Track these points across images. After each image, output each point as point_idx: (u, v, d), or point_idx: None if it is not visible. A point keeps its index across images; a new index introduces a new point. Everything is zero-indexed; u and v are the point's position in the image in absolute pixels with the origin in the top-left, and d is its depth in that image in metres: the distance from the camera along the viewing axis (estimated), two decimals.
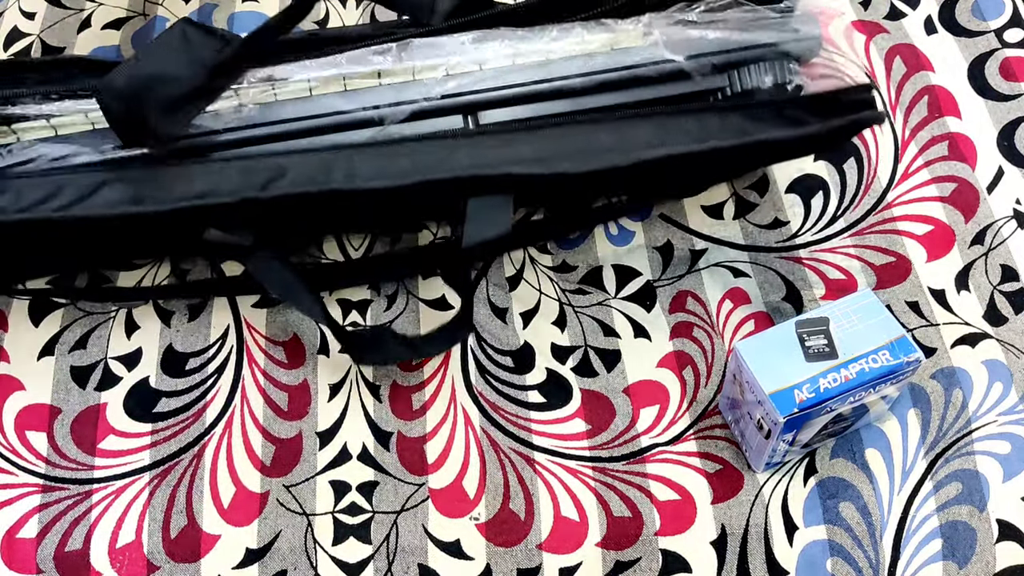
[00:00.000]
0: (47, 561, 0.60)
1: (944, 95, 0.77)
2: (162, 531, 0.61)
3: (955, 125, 0.75)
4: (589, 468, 0.63)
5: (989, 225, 0.70)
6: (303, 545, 0.61)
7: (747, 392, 0.56)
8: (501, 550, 0.60)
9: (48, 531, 0.61)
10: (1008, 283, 0.68)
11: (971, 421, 0.63)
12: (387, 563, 0.60)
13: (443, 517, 0.61)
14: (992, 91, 0.77)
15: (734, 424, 0.62)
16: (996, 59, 0.78)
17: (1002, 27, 0.80)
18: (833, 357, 0.55)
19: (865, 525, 0.60)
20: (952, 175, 0.73)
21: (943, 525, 0.59)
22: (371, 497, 0.62)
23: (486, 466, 0.63)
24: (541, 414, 0.65)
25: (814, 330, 0.56)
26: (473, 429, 0.64)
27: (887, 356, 0.54)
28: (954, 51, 0.79)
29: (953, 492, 0.60)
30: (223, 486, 0.62)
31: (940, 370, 0.65)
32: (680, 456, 0.63)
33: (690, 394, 0.65)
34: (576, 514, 0.61)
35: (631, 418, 0.64)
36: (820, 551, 0.59)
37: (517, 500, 0.62)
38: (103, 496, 0.62)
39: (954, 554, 0.59)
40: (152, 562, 0.60)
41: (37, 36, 0.83)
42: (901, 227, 0.71)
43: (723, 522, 0.60)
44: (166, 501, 0.62)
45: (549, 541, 0.60)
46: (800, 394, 0.53)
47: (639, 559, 0.60)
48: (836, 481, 0.61)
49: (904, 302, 0.68)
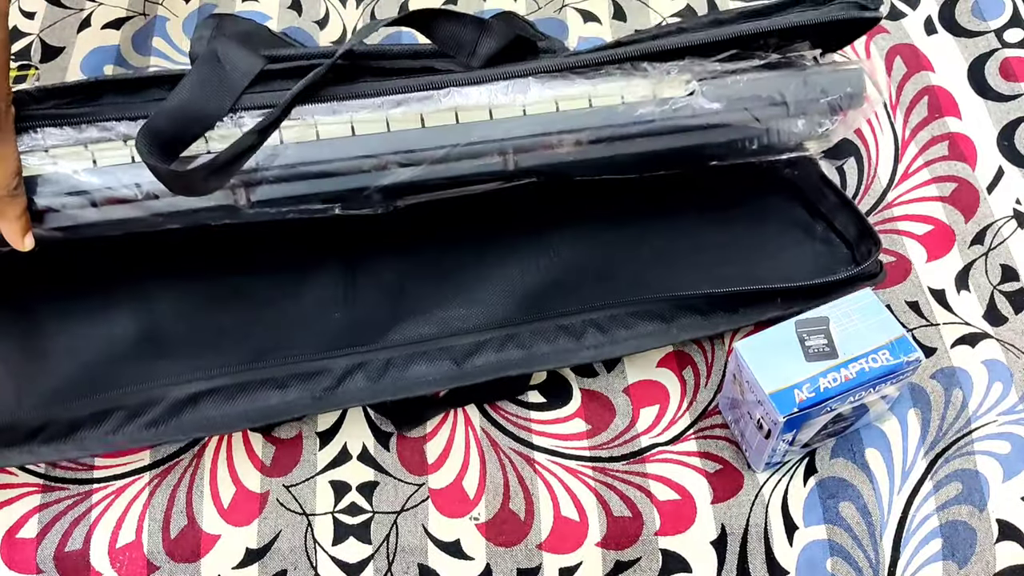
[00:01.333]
0: (47, 561, 0.60)
1: (944, 95, 0.77)
2: (162, 531, 0.61)
3: (955, 125, 0.75)
4: (589, 468, 0.63)
5: (989, 225, 0.70)
6: (303, 545, 0.61)
7: (747, 392, 0.56)
8: (501, 550, 0.60)
9: (48, 531, 0.61)
10: (1008, 283, 0.68)
11: (971, 421, 0.63)
12: (387, 563, 0.60)
13: (443, 517, 0.61)
14: (992, 91, 0.77)
15: (734, 424, 0.62)
16: (996, 59, 0.78)
17: (1002, 27, 0.80)
18: (833, 357, 0.54)
19: (865, 525, 0.60)
20: (952, 175, 0.73)
21: (943, 525, 0.59)
22: (371, 497, 0.62)
23: (486, 466, 0.63)
24: (541, 414, 0.65)
25: (814, 330, 0.56)
26: (473, 429, 0.64)
27: (887, 356, 0.54)
28: (954, 51, 0.79)
29: (953, 492, 0.60)
30: (223, 486, 0.62)
31: (940, 370, 0.65)
32: (680, 456, 0.63)
33: (690, 394, 0.65)
34: (576, 514, 0.61)
35: (631, 418, 0.64)
36: (820, 551, 0.59)
37: (517, 500, 0.62)
38: (103, 496, 0.62)
39: (954, 554, 0.59)
40: (152, 562, 0.60)
41: (37, 36, 0.83)
42: (901, 227, 0.71)
43: (723, 522, 0.60)
44: (166, 501, 0.62)
45: (549, 541, 0.60)
46: (800, 394, 0.53)
47: (639, 559, 0.60)
48: (836, 481, 0.61)
49: (904, 302, 0.68)
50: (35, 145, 0.55)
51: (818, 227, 0.69)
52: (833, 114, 0.61)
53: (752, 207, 0.70)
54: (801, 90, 0.60)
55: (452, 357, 0.63)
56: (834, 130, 0.61)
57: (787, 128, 0.61)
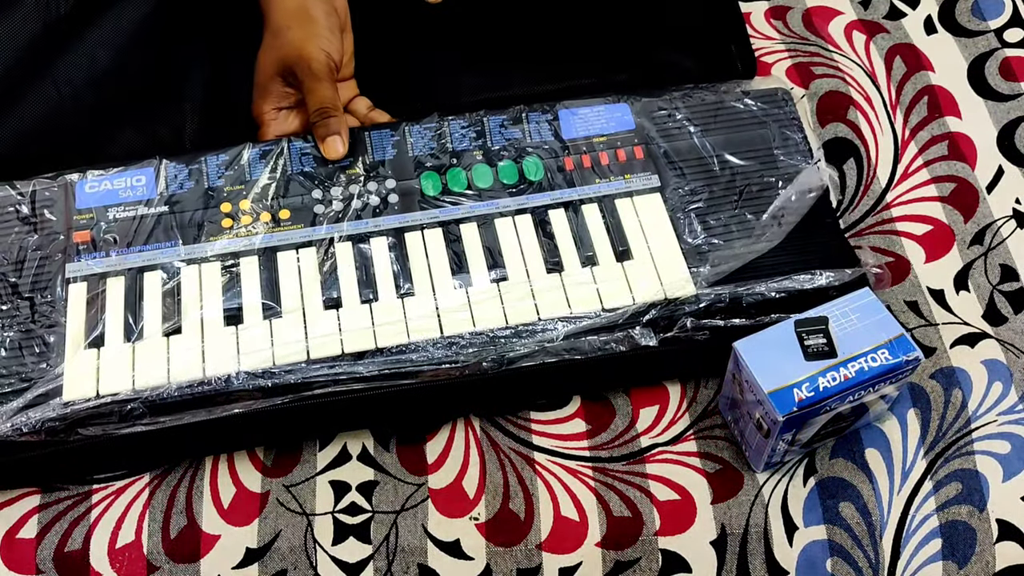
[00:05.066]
0: (47, 561, 0.60)
1: (944, 95, 0.77)
2: (162, 531, 0.61)
3: (955, 125, 0.75)
4: (589, 468, 0.62)
5: (989, 225, 0.70)
6: (303, 545, 0.61)
7: (746, 391, 0.56)
8: (501, 550, 0.60)
9: (48, 531, 0.61)
10: (1008, 283, 0.68)
11: (971, 421, 0.63)
12: (387, 563, 0.60)
13: (443, 517, 0.61)
14: (992, 91, 0.77)
15: (734, 424, 0.62)
16: (996, 59, 0.78)
17: (1002, 27, 0.80)
18: (832, 356, 0.55)
19: (865, 525, 0.60)
20: (952, 175, 0.73)
21: (943, 525, 0.59)
22: (371, 497, 0.62)
23: (486, 466, 0.63)
24: (541, 414, 0.65)
25: (813, 329, 0.56)
26: (473, 429, 0.64)
27: (886, 355, 0.54)
28: (954, 51, 0.79)
29: (953, 492, 0.60)
30: (223, 486, 0.62)
31: (939, 370, 0.65)
32: (680, 456, 0.63)
33: (690, 394, 0.65)
34: (576, 514, 0.61)
35: (631, 418, 0.64)
36: (820, 551, 0.59)
37: (517, 500, 0.62)
38: (103, 496, 0.62)
39: (954, 554, 0.59)
40: (152, 562, 0.60)
41: None
42: (900, 227, 0.71)
43: (723, 522, 0.60)
44: (166, 501, 0.62)
45: (549, 541, 0.60)
46: (799, 393, 0.53)
47: (639, 559, 0.60)
48: (836, 481, 0.61)
49: (903, 302, 0.67)
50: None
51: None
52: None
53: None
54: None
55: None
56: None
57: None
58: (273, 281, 0.63)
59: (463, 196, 0.66)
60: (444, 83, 0.75)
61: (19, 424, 0.57)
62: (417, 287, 0.63)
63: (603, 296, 0.63)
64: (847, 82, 0.78)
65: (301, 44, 0.66)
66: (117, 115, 0.71)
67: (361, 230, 0.65)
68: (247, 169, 0.66)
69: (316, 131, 0.66)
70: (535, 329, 0.61)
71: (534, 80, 0.75)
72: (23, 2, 0.66)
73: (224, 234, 0.64)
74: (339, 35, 0.68)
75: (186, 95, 0.74)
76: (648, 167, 0.68)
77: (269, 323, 0.61)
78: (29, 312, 0.61)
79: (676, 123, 0.70)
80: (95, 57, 0.69)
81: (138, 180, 0.66)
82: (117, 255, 0.63)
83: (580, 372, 0.62)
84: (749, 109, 0.70)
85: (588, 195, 0.67)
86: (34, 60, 0.67)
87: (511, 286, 0.63)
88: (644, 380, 0.65)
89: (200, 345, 0.60)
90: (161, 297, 0.62)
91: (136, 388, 0.59)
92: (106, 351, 0.60)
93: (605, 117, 0.70)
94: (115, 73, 0.71)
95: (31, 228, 0.64)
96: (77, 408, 0.58)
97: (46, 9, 0.67)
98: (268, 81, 0.67)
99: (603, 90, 0.71)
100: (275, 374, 0.59)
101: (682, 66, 0.76)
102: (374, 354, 0.60)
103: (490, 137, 0.69)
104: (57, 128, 0.69)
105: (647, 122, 0.69)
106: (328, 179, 0.66)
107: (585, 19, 0.76)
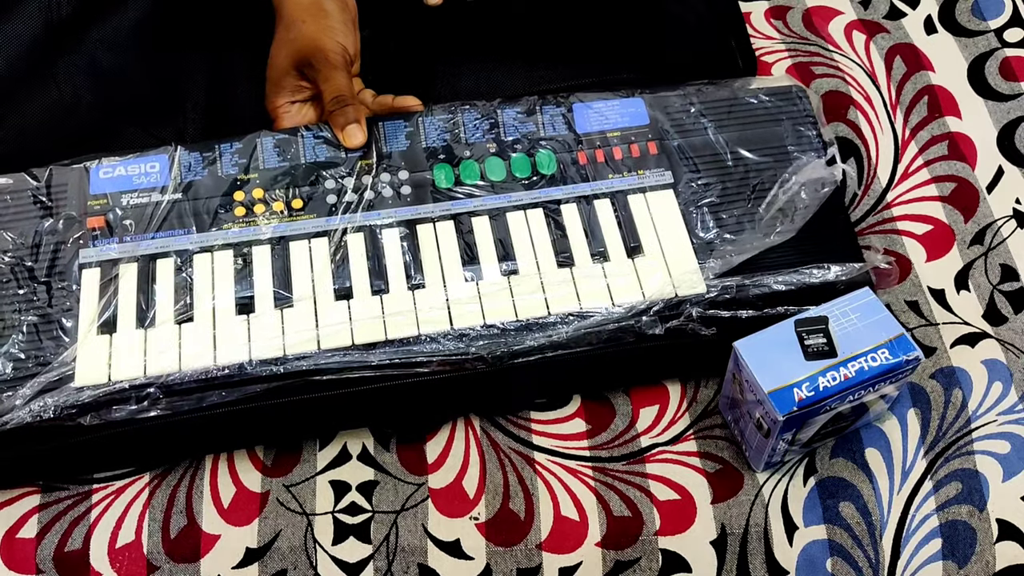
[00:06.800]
0: (47, 561, 0.60)
1: (944, 95, 0.77)
2: (162, 531, 0.61)
3: (955, 125, 0.75)
4: (589, 468, 0.63)
5: (989, 225, 0.70)
6: (303, 545, 0.61)
7: (746, 391, 0.56)
8: (501, 550, 0.60)
9: (48, 531, 0.61)
10: (1008, 283, 0.68)
11: (971, 421, 0.63)
12: (387, 563, 0.60)
13: (443, 517, 0.61)
14: (992, 91, 0.77)
15: (734, 424, 0.62)
16: (996, 59, 0.78)
17: (1002, 27, 0.80)
18: (832, 356, 0.55)
19: (865, 525, 0.60)
20: (952, 175, 0.73)
21: (943, 525, 0.59)
22: (371, 497, 0.62)
23: (486, 466, 0.63)
24: (541, 414, 0.65)
25: (813, 329, 0.56)
26: (473, 429, 0.64)
27: (886, 355, 0.54)
28: (954, 51, 0.79)
29: (953, 492, 0.60)
30: (223, 486, 0.62)
31: (940, 370, 0.65)
32: (680, 456, 0.63)
33: (690, 394, 0.65)
34: (576, 514, 0.61)
35: (631, 418, 0.64)
36: (820, 551, 0.59)
37: (517, 500, 0.62)
38: (103, 496, 0.62)
39: (954, 554, 0.59)
40: (152, 562, 0.60)
41: None
42: (901, 227, 0.71)
43: (723, 522, 0.60)
44: (166, 501, 0.62)
45: (549, 541, 0.60)
46: (799, 392, 0.53)
47: (639, 559, 0.60)
48: (836, 481, 0.61)
49: (904, 301, 0.67)
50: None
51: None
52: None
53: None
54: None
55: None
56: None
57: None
58: (285, 270, 0.63)
59: (476, 188, 0.66)
60: (444, 83, 0.75)
61: (37, 410, 0.57)
62: (428, 279, 0.63)
63: (613, 291, 0.62)
64: (847, 82, 0.78)
65: (317, 36, 0.66)
66: (118, 115, 0.71)
67: (373, 221, 0.65)
68: (261, 158, 0.66)
69: (335, 119, 0.66)
70: (545, 323, 0.61)
71: (535, 80, 0.75)
72: (25, 3, 0.66)
73: (237, 223, 0.64)
74: (352, 29, 0.69)
75: (187, 95, 0.74)
76: (662, 162, 0.67)
77: (280, 312, 0.61)
78: (46, 296, 0.61)
79: (691, 118, 0.69)
80: (96, 58, 0.69)
81: (152, 167, 0.66)
82: (131, 241, 0.63)
83: (582, 367, 0.62)
84: (763, 105, 0.70)
85: (601, 190, 0.66)
86: (36, 60, 0.67)
87: (522, 279, 0.63)
88: (646, 377, 0.65)
89: (212, 333, 0.60)
90: (174, 284, 0.62)
91: (148, 375, 0.59)
92: (118, 337, 0.60)
93: (619, 111, 0.69)
94: (116, 74, 0.71)
95: (47, 212, 0.64)
96: (92, 393, 0.58)
97: (48, 10, 0.67)
98: (282, 75, 0.68)
99: (606, 88, 0.71)
100: (287, 360, 0.59)
101: (683, 64, 0.76)
102: (384, 345, 0.60)
103: (504, 129, 0.68)
104: (58, 128, 0.69)
105: (661, 116, 0.69)
106: (341, 169, 0.66)
107: (586, 18, 0.76)
